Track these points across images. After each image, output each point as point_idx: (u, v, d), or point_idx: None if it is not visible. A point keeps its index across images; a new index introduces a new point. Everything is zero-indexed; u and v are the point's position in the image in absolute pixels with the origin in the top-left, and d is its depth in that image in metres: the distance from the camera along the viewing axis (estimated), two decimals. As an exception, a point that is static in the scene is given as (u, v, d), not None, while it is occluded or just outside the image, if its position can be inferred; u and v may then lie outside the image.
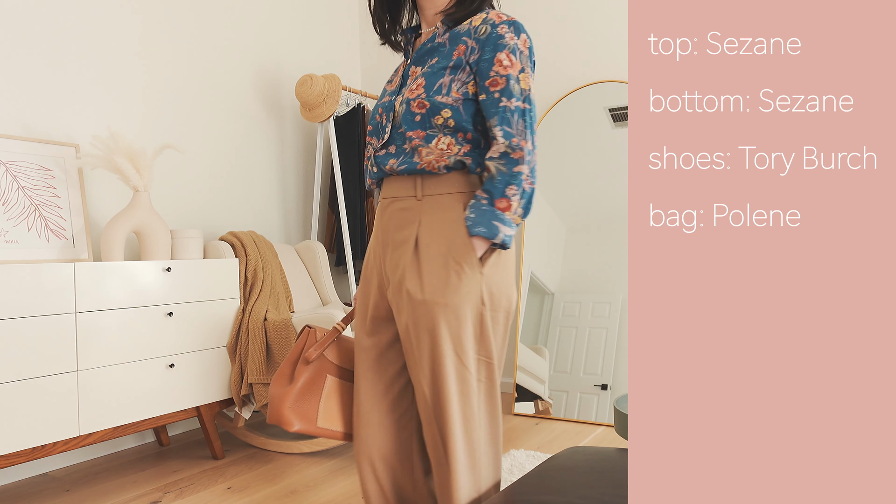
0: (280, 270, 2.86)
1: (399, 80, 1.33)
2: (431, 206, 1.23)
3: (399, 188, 1.27)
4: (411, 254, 1.23)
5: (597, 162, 3.28)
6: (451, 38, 1.24)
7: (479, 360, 1.25)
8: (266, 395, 2.50)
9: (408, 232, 1.24)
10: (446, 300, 1.20)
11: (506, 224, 1.17)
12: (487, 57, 1.19)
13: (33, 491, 2.28)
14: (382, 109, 1.30)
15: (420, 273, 1.21)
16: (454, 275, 1.19)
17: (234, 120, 3.20)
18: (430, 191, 1.24)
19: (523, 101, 1.19)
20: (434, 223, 1.22)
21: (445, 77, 1.21)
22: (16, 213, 2.27)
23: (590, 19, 3.46)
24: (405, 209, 1.26)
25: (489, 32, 1.20)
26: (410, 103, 1.23)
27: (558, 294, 3.25)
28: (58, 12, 2.51)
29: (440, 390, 1.23)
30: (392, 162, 1.26)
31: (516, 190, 1.18)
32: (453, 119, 1.20)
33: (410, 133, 1.22)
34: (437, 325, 1.20)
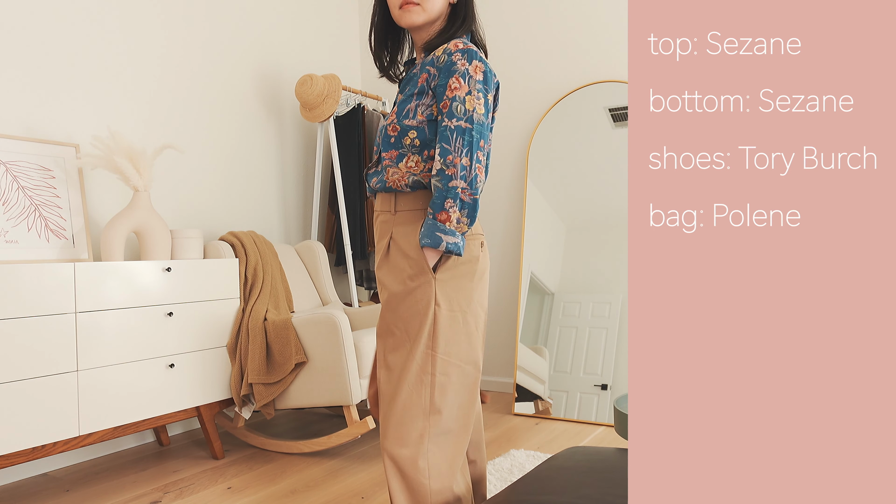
0: (280, 270, 2.86)
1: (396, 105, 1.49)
2: (401, 220, 1.41)
3: (382, 203, 1.46)
4: (383, 259, 1.43)
5: (597, 162, 3.28)
6: (420, 66, 1.40)
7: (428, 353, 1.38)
8: (265, 394, 2.50)
9: (384, 242, 1.43)
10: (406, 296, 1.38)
11: (447, 234, 1.31)
12: (442, 83, 1.34)
13: (33, 491, 2.28)
14: (378, 134, 1.48)
15: (387, 274, 1.41)
16: (408, 279, 1.37)
17: (235, 120, 3.20)
18: (402, 207, 1.41)
19: (465, 121, 1.31)
20: (400, 235, 1.40)
21: (412, 103, 1.38)
22: (16, 213, 2.27)
23: (590, 19, 3.46)
24: (384, 222, 1.44)
25: (446, 60, 1.35)
26: (387, 128, 1.41)
27: (558, 294, 3.25)
28: (58, 12, 2.51)
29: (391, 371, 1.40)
30: (374, 180, 1.45)
31: (453, 203, 1.31)
32: (419, 139, 1.37)
33: (385, 154, 1.40)
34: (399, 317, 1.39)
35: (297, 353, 2.46)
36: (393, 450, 1.37)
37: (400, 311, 1.38)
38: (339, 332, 2.41)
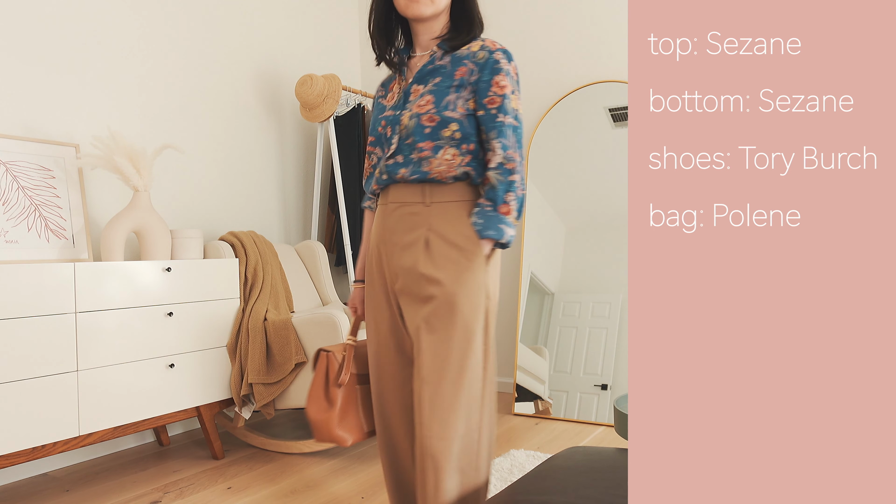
0: (280, 270, 2.86)
1: (399, 95, 1.46)
2: (440, 211, 1.37)
3: (407, 194, 1.40)
4: (423, 252, 1.35)
5: (597, 162, 3.28)
6: (452, 61, 1.40)
7: (485, 345, 1.37)
8: (265, 394, 2.50)
9: (417, 234, 1.37)
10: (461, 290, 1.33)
11: (508, 226, 1.34)
12: (486, 79, 1.37)
13: (33, 491, 2.28)
14: (386, 122, 1.44)
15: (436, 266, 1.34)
16: (465, 271, 1.33)
17: (235, 120, 3.20)
18: (437, 198, 1.37)
19: (514, 119, 1.37)
20: (444, 226, 1.35)
21: (451, 95, 1.37)
22: (16, 213, 2.27)
23: (590, 19, 3.46)
24: (414, 213, 1.38)
25: (487, 58, 1.38)
26: (421, 117, 1.37)
27: (558, 294, 3.25)
28: (58, 12, 2.51)
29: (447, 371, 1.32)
30: (403, 171, 1.39)
31: (513, 196, 1.35)
32: (460, 132, 1.36)
33: (421, 144, 1.37)
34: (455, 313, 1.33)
35: (297, 353, 2.46)
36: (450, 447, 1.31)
37: (459, 303, 1.32)
38: (339, 332, 2.41)
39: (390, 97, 1.50)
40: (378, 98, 1.57)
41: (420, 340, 1.34)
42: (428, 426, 1.31)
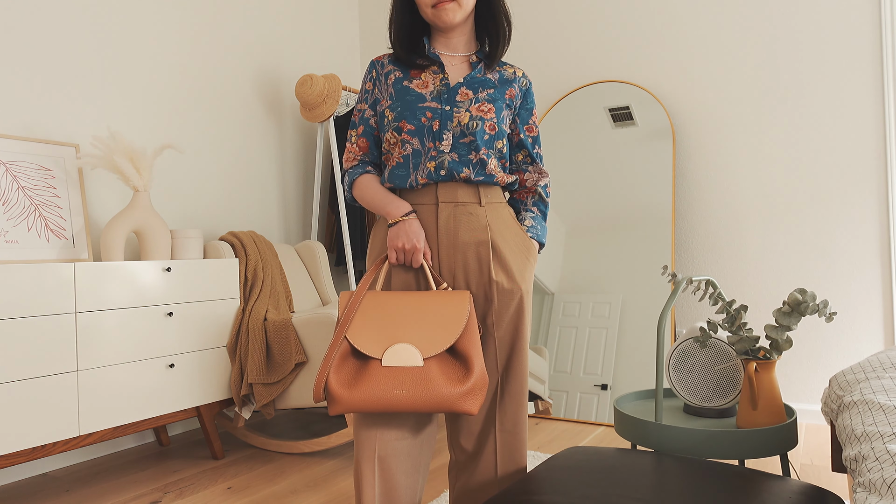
0: (280, 270, 2.86)
1: (439, 89, 1.41)
2: (493, 212, 1.43)
3: (463, 194, 1.41)
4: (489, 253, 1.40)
5: (597, 162, 3.28)
6: (499, 79, 1.46)
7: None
8: (265, 394, 2.50)
9: (480, 234, 1.40)
10: (527, 288, 1.44)
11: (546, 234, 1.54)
12: (528, 107, 1.52)
13: (33, 491, 2.28)
14: (433, 115, 1.39)
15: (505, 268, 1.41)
16: (529, 270, 1.45)
17: (235, 120, 3.20)
18: (490, 199, 1.43)
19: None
20: (502, 228, 1.43)
21: (504, 111, 1.45)
22: (16, 213, 2.27)
23: (589, 19, 3.46)
24: (471, 213, 1.40)
25: (528, 87, 1.51)
26: (485, 122, 1.40)
27: (558, 294, 3.25)
28: (58, 13, 2.51)
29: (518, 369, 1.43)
30: (466, 171, 1.39)
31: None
32: (506, 147, 1.46)
33: (484, 148, 1.40)
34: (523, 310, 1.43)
35: (297, 353, 2.46)
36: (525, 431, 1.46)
37: (527, 305, 1.43)
38: (339, 332, 2.41)
39: (420, 84, 1.42)
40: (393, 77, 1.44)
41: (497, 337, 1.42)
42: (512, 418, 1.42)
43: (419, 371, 1.22)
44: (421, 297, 1.30)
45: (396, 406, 1.21)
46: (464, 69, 1.46)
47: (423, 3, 1.40)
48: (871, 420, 1.19)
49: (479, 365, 1.24)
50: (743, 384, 1.56)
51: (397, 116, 1.40)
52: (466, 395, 1.22)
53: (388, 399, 1.20)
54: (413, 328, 1.25)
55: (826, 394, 1.60)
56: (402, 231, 1.35)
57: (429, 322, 1.25)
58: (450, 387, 1.21)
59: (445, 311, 1.27)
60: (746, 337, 1.57)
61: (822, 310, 1.52)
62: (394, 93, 1.42)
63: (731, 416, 1.70)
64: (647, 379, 2.95)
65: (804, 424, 2.90)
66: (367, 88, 1.50)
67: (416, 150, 1.39)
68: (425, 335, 1.24)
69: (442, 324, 1.25)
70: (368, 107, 1.49)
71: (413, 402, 1.20)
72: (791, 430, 1.52)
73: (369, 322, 1.26)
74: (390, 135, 1.42)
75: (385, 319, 1.26)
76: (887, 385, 1.36)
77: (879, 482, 0.93)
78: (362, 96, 1.50)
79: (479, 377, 1.23)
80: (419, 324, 1.25)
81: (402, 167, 1.40)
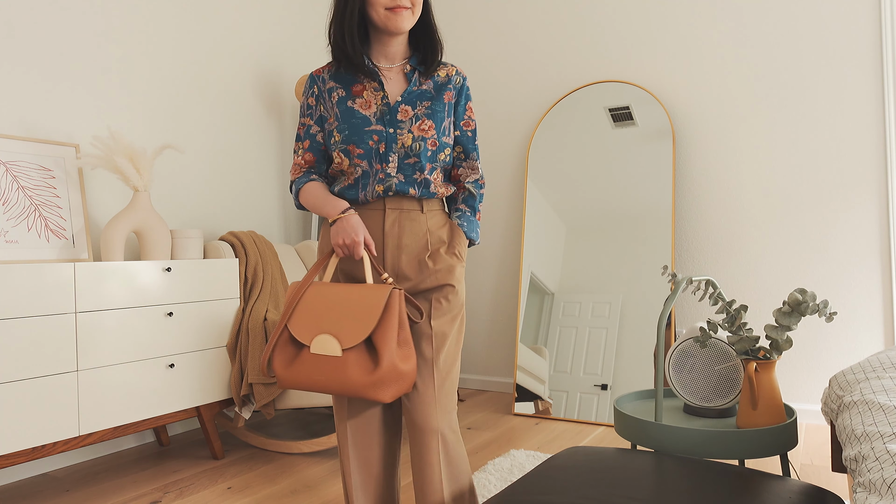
0: (280, 270, 2.86)
1: (381, 109, 1.45)
2: (432, 218, 1.52)
3: (408, 203, 1.50)
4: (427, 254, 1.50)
5: (597, 162, 3.28)
6: (434, 87, 1.50)
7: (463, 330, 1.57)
8: (265, 394, 2.50)
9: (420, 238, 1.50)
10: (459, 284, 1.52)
11: (478, 229, 1.59)
12: (463, 104, 1.55)
13: (33, 491, 2.28)
14: (379, 138, 1.45)
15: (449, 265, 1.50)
16: (460, 268, 1.52)
17: (235, 120, 3.20)
18: (430, 207, 1.53)
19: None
20: (438, 231, 1.52)
21: (445, 121, 1.50)
22: (16, 213, 2.27)
23: (589, 19, 3.46)
24: (413, 220, 1.49)
25: (462, 84, 1.54)
26: (426, 141, 1.46)
27: (558, 294, 3.25)
28: (58, 13, 2.51)
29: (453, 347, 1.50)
30: (412, 191, 1.47)
31: (480, 206, 1.62)
32: (448, 157, 1.53)
33: (428, 166, 1.48)
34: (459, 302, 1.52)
35: (297, 353, 2.46)
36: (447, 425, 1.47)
37: (459, 295, 1.52)
38: (339, 332, 2.41)
39: (363, 104, 1.45)
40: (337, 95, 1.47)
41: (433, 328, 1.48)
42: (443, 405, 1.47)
43: (337, 360, 1.34)
44: (350, 290, 1.40)
45: (318, 389, 1.37)
46: (400, 81, 1.50)
47: (375, 3, 1.40)
48: (871, 420, 1.19)
49: (387, 358, 1.33)
50: (743, 384, 1.56)
51: (345, 139, 1.46)
52: (375, 384, 1.33)
53: (311, 382, 1.37)
54: (337, 320, 1.37)
55: (826, 394, 1.60)
56: (340, 228, 1.43)
57: (350, 315, 1.36)
58: (361, 376, 1.33)
59: (364, 305, 1.37)
60: (746, 337, 1.57)
61: (822, 310, 1.52)
62: (339, 113, 1.47)
63: (731, 416, 1.70)
64: (647, 379, 2.95)
65: (804, 424, 2.90)
66: (311, 104, 1.53)
67: (364, 171, 1.48)
68: (346, 327, 1.36)
69: (360, 317, 1.36)
70: (314, 122, 1.53)
71: (330, 387, 1.35)
72: (791, 430, 1.52)
73: (306, 312, 1.40)
74: (337, 155, 1.48)
75: (317, 310, 1.39)
76: (887, 385, 1.36)
77: (879, 482, 0.93)
78: (305, 111, 1.54)
79: (386, 369, 1.32)
80: (343, 316, 1.37)
81: (352, 188, 1.49)
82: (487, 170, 3.75)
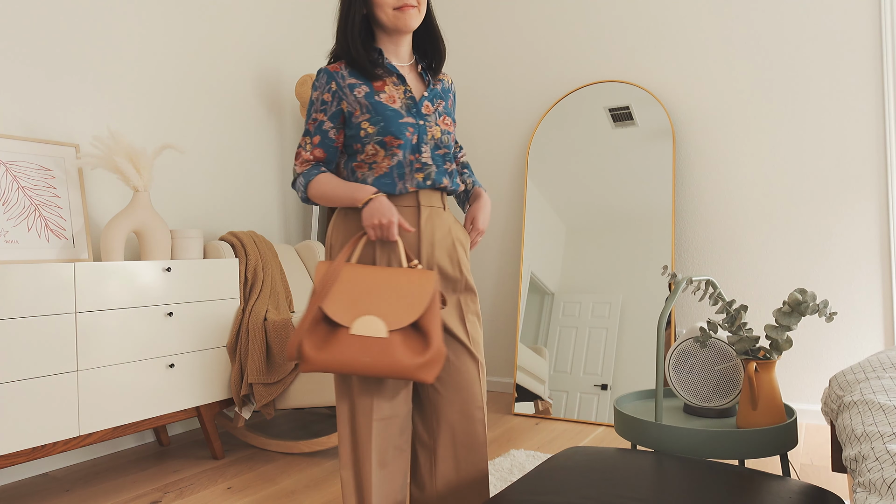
0: (280, 270, 2.86)
1: (406, 103, 1.48)
2: (448, 215, 1.57)
3: (435, 200, 1.53)
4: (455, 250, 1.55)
5: (597, 162, 3.28)
6: (443, 90, 1.58)
7: None
8: (265, 394, 2.50)
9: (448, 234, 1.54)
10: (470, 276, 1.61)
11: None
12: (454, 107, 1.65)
13: (33, 491, 2.28)
14: (413, 130, 1.47)
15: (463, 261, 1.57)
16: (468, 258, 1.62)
17: (235, 120, 3.20)
18: (447, 204, 1.59)
19: None
20: (456, 229, 1.57)
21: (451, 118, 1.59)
22: (16, 213, 2.27)
23: (589, 19, 3.46)
24: (440, 216, 1.54)
25: (454, 88, 1.65)
26: (450, 135, 1.53)
27: (558, 294, 3.25)
28: (57, 12, 2.51)
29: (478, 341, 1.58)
30: (446, 181, 1.52)
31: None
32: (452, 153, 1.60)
33: (451, 159, 1.55)
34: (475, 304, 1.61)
35: (297, 353, 2.46)
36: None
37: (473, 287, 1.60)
38: (339, 332, 2.41)
39: (388, 99, 1.47)
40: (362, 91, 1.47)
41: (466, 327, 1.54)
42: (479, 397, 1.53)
43: (384, 342, 1.33)
44: (392, 272, 1.39)
45: (359, 370, 1.34)
46: (415, 79, 1.54)
47: (383, 3, 1.43)
48: (871, 420, 1.19)
49: (437, 340, 1.35)
50: (743, 384, 1.56)
51: (381, 131, 1.45)
52: (424, 366, 1.34)
53: (353, 363, 1.33)
54: (381, 302, 1.36)
55: (826, 394, 1.60)
56: (374, 209, 1.41)
57: (396, 298, 1.36)
58: (410, 358, 1.33)
59: (412, 289, 1.38)
60: (746, 337, 1.57)
61: (822, 310, 1.52)
62: (370, 106, 1.46)
63: (731, 416, 1.70)
64: (647, 379, 2.95)
65: (804, 424, 2.90)
66: (326, 100, 1.49)
67: (400, 161, 1.47)
68: (392, 309, 1.35)
69: (408, 300, 1.36)
70: (328, 118, 1.50)
71: (375, 368, 1.33)
72: (791, 430, 1.52)
73: (342, 293, 1.37)
74: (372, 147, 1.46)
75: (357, 291, 1.37)
76: (887, 385, 1.36)
77: (879, 482, 0.93)
78: (319, 107, 1.50)
79: (436, 351, 1.34)
80: (387, 298, 1.36)
81: (388, 177, 1.47)
82: (488, 170, 3.75)
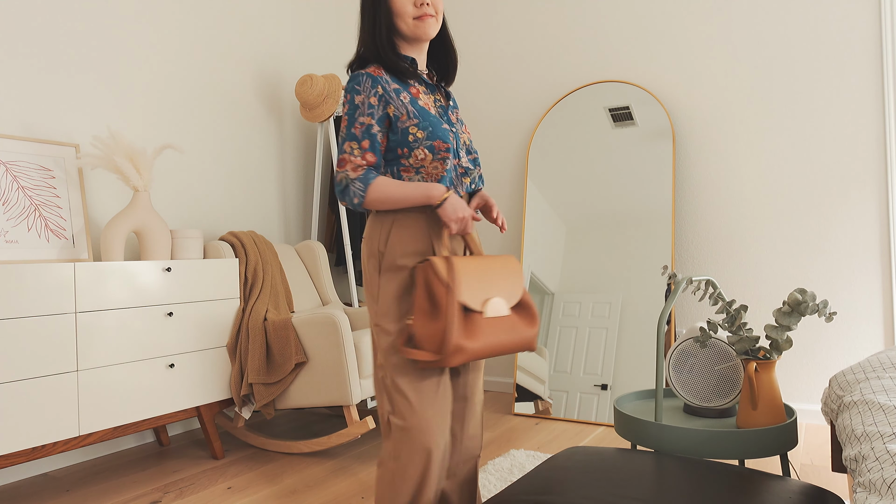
0: (280, 270, 2.86)
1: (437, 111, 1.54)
2: None
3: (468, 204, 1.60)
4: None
5: (597, 162, 3.28)
6: (453, 99, 1.63)
7: None
8: (265, 394, 2.50)
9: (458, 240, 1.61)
10: None
11: None
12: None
13: (33, 491, 2.28)
14: (453, 135, 1.52)
15: None
16: None
17: (235, 120, 3.19)
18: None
19: None
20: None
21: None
22: (16, 213, 2.27)
23: (590, 20, 3.46)
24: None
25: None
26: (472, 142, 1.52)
27: (558, 294, 3.25)
28: (57, 12, 2.51)
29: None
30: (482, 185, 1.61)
31: None
32: None
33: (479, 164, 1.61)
34: None
35: (297, 353, 2.46)
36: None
37: None
38: (339, 332, 2.41)
39: (425, 105, 1.50)
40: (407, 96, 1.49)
41: None
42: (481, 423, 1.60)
43: (510, 319, 1.44)
44: (484, 259, 1.49)
45: (501, 349, 1.43)
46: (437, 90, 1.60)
47: (404, 13, 1.46)
48: (871, 420, 1.19)
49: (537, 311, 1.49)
50: (743, 384, 1.56)
51: (431, 136, 1.46)
52: (536, 335, 1.48)
53: (497, 343, 1.41)
54: (497, 285, 1.46)
55: (826, 394, 1.60)
56: (455, 204, 1.45)
57: (503, 279, 1.48)
58: (529, 330, 1.46)
59: (507, 271, 1.50)
60: (746, 337, 1.57)
61: (822, 310, 1.52)
62: (417, 112, 1.47)
63: (731, 416, 1.69)
64: (647, 379, 2.95)
65: (804, 424, 2.90)
66: (372, 103, 1.46)
67: (451, 167, 1.52)
68: (505, 290, 1.47)
69: (510, 280, 1.49)
70: (375, 122, 1.47)
71: (511, 345, 1.44)
72: (791, 430, 1.52)
73: (465, 283, 1.43)
74: (421, 151, 1.46)
75: (473, 279, 1.44)
76: (887, 385, 1.36)
77: (879, 482, 0.93)
78: (366, 110, 1.46)
79: (538, 321, 1.50)
80: (496, 281, 1.46)
81: (444, 181, 1.50)
82: (488, 170, 3.75)
